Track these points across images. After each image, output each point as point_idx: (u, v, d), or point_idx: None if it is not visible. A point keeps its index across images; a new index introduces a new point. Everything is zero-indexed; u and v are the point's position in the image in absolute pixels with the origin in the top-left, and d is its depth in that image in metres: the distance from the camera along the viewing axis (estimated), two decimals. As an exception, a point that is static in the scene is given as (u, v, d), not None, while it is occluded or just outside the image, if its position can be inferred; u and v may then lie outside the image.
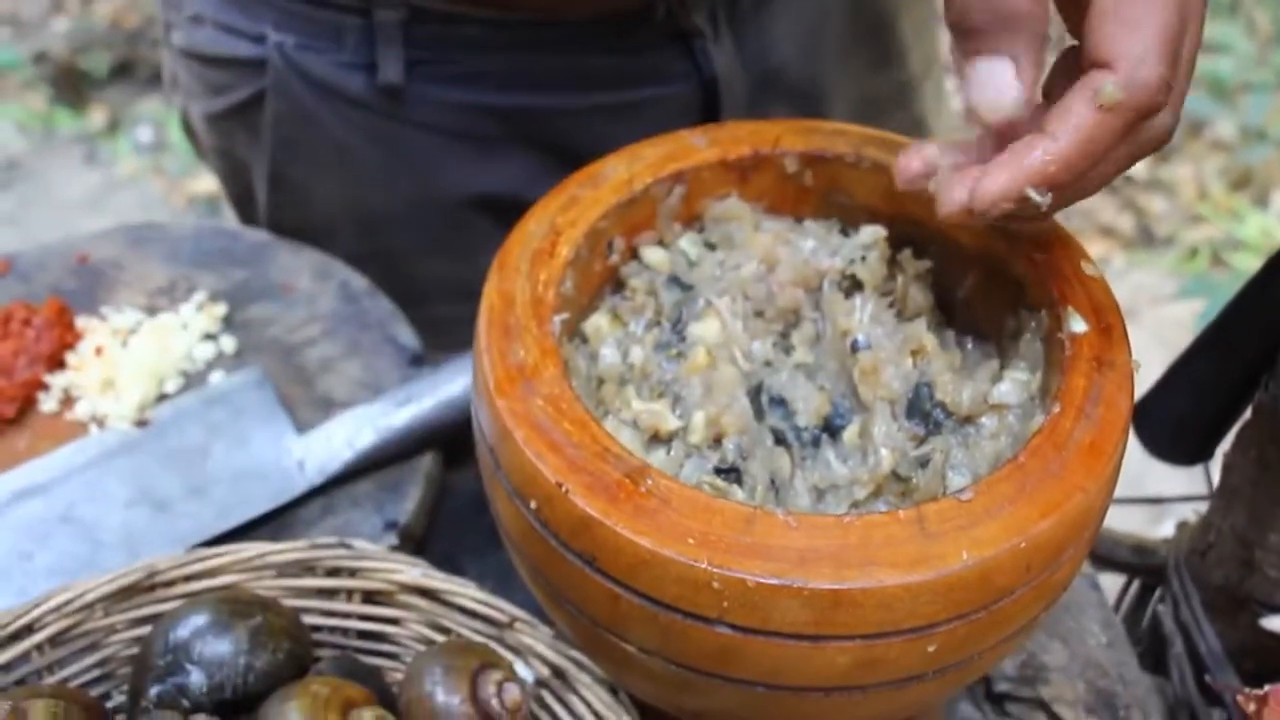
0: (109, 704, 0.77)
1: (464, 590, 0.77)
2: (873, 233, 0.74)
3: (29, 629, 0.75)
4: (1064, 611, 0.90)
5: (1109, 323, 0.66)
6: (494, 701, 0.69)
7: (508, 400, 0.63)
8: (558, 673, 0.73)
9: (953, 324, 0.74)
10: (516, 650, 0.75)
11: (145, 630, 0.77)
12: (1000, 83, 0.62)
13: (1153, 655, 0.96)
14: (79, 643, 0.77)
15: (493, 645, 0.75)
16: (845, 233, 0.75)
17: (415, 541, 0.90)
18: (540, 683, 0.74)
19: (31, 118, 3.13)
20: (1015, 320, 0.71)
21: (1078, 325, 0.66)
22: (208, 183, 2.91)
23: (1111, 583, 1.02)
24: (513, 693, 0.70)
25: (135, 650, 0.77)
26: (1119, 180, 1.39)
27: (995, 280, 0.72)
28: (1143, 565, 1.01)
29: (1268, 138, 2.89)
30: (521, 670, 0.73)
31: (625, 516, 0.58)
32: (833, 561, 0.56)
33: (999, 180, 0.61)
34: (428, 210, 1.08)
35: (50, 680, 0.76)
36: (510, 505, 0.63)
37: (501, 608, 0.76)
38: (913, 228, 0.74)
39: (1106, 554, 1.02)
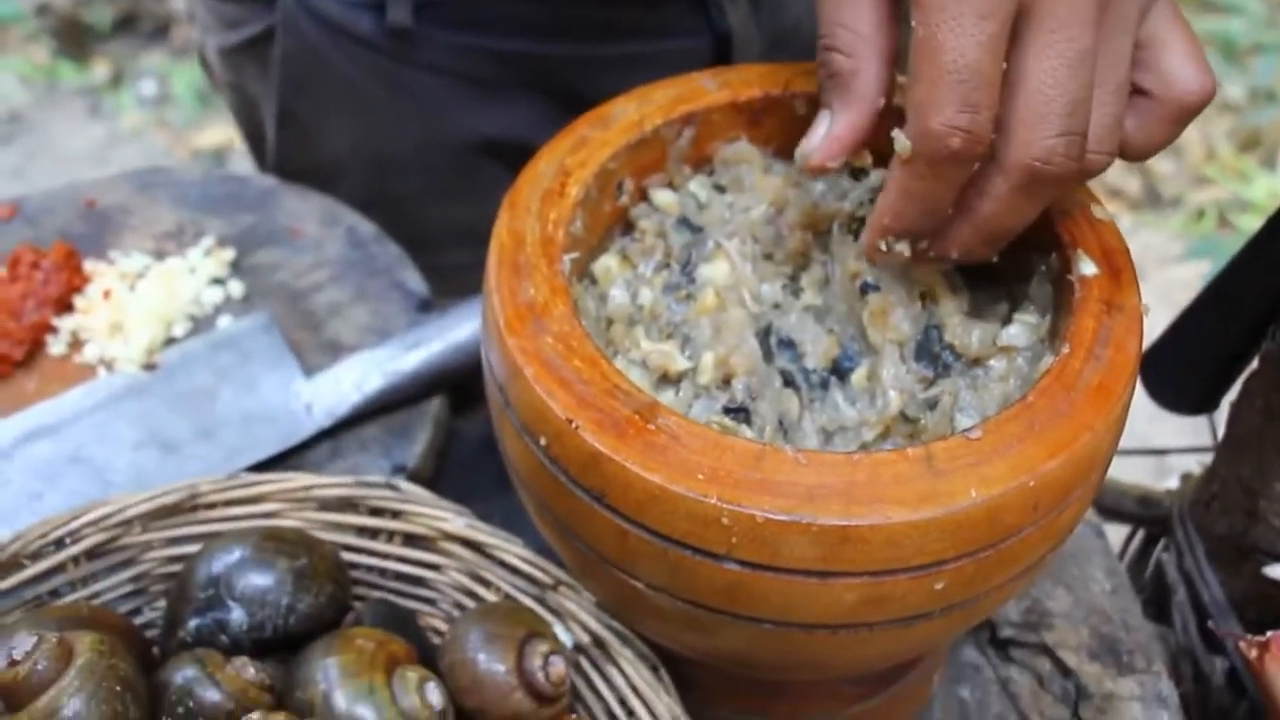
0: (139, 620, 0.78)
1: (509, 546, 0.77)
2: (882, 176, 0.73)
3: (67, 540, 0.76)
4: (1068, 559, 0.91)
5: (1119, 266, 0.66)
6: (539, 674, 0.69)
7: (518, 338, 0.63)
8: (598, 642, 0.74)
9: (961, 268, 0.74)
10: (557, 613, 0.75)
11: (182, 550, 0.77)
12: (814, 135, 0.67)
13: (1155, 604, 0.97)
14: (115, 558, 0.77)
15: (533, 605, 0.75)
16: (855, 176, 0.75)
17: (422, 485, 0.90)
18: (579, 648, 0.74)
19: (34, 70, 3.12)
20: (1025, 262, 0.70)
21: (1088, 268, 0.66)
22: (212, 135, 2.90)
23: (1115, 534, 1.02)
24: (558, 666, 0.70)
25: (171, 569, 0.78)
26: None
27: (1005, 224, 0.72)
28: (1147, 516, 1.02)
29: (1277, 99, 2.88)
30: (561, 634, 0.74)
31: (635, 452, 0.58)
32: (841, 498, 0.57)
33: (867, 231, 0.66)
34: (435, 154, 1.08)
35: (83, 594, 0.76)
36: (519, 442, 0.63)
37: (547, 569, 0.76)
38: (923, 172, 0.74)
39: (1112, 504, 1.02)
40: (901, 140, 0.60)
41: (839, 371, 0.71)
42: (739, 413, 0.67)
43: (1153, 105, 0.63)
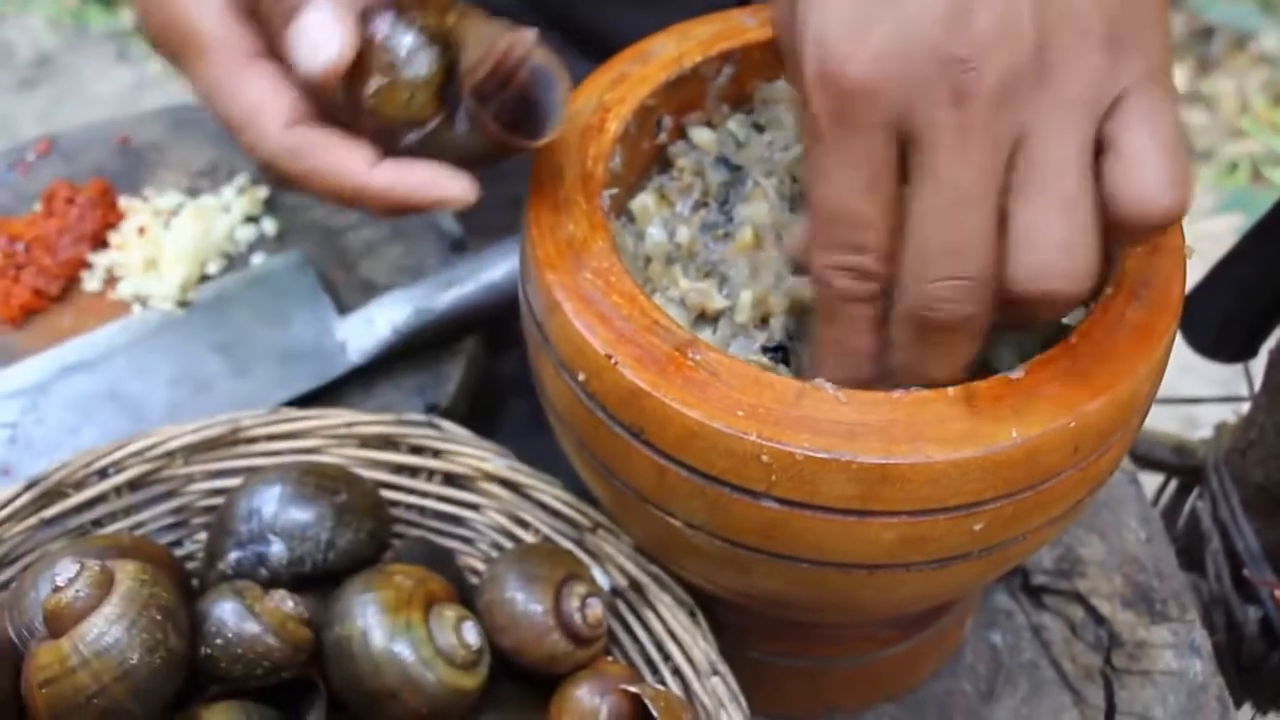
0: (179, 552, 0.78)
1: (549, 488, 0.77)
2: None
3: (110, 470, 0.76)
4: (1102, 506, 0.90)
5: (1163, 208, 0.65)
6: (577, 616, 0.70)
7: (556, 274, 0.63)
8: (635, 585, 0.74)
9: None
10: (595, 556, 0.75)
11: (223, 484, 0.78)
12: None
13: (1188, 553, 0.97)
14: (157, 489, 0.78)
15: (571, 547, 0.75)
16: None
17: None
18: (616, 592, 0.74)
19: (63, 13, 3.11)
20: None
21: (1132, 209, 0.65)
22: (240, 82, 2.89)
23: (1148, 483, 1.02)
24: (595, 609, 0.70)
25: (211, 502, 0.78)
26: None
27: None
28: (1181, 465, 1.01)
29: (1313, 52, 2.85)
30: (599, 577, 0.74)
31: (674, 388, 0.58)
32: (881, 436, 0.56)
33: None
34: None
35: (125, 524, 0.77)
36: (558, 379, 0.63)
37: (585, 511, 0.76)
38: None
39: (1145, 453, 1.02)
40: None
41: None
42: (777, 351, 0.67)
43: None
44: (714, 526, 0.61)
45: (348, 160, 0.65)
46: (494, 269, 0.92)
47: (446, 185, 0.64)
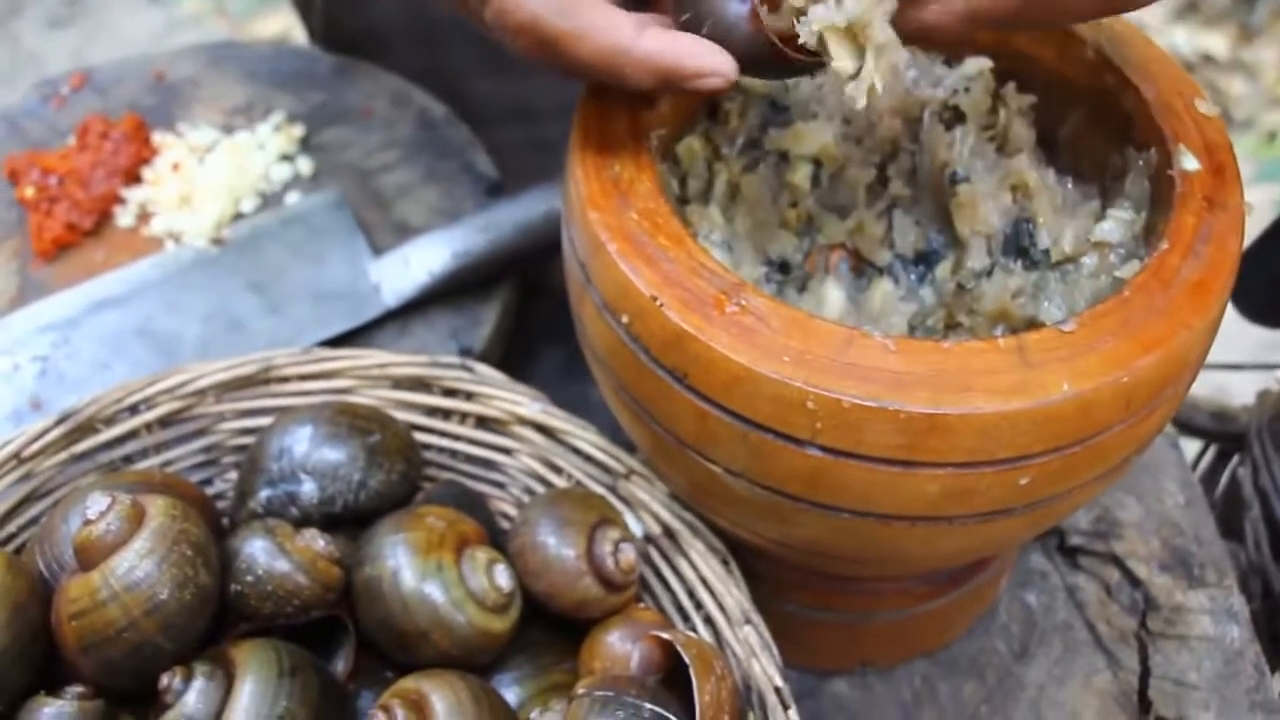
0: (209, 490, 0.78)
1: (583, 433, 0.76)
2: (977, 64, 0.71)
3: (141, 406, 0.76)
4: (1141, 469, 0.89)
5: (1221, 162, 0.64)
6: (609, 561, 0.69)
7: (601, 213, 0.61)
8: (669, 532, 0.73)
9: (1053, 163, 0.72)
10: (628, 502, 0.74)
11: (254, 423, 0.77)
12: None
13: (1226, 520, 0.96)
14: (187, 426, 0.77)
15: (604, 493, 0.74)
16: (949, 64, 0.73)
17: (490, 369, 0.90)
18: (649, 538, 0.73)
19: (95, -48, 3.10)
20: (1121, 159, 0.68)
21: (1189, 163, 0.63)
22: (271, 25, 2.88)
23: (1187, 449, 1.00)
24: (628, 554, 0.69)
25: (242, 441, 0.78)
26: (1197, 60, 1.34)
27: (1101, 117, 0.69)
28: (1221, 431, 1.00)
29: (1356, 21, 2.81)
30: (632, 523, 0.73)
31: (719, 332, 0.57)
32: (930, 386, 0.55)
33: None
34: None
35: (155, 461, 0.77)
36: (599, 320, 0.62)
37: (620, 457, 0.75)
38: (1018, 62, 0.72)
39: (1185, 419, 1.00)
40: None
41: (924, 263, 0.70)
42: (781, 268, 0.66)
43: None
44: (755, 474, 0.60)
45: (616, 21, 0.61)
46: (531, 212, 0.91)
47: (715, 59, 0.61)
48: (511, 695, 0.67)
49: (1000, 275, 0.67)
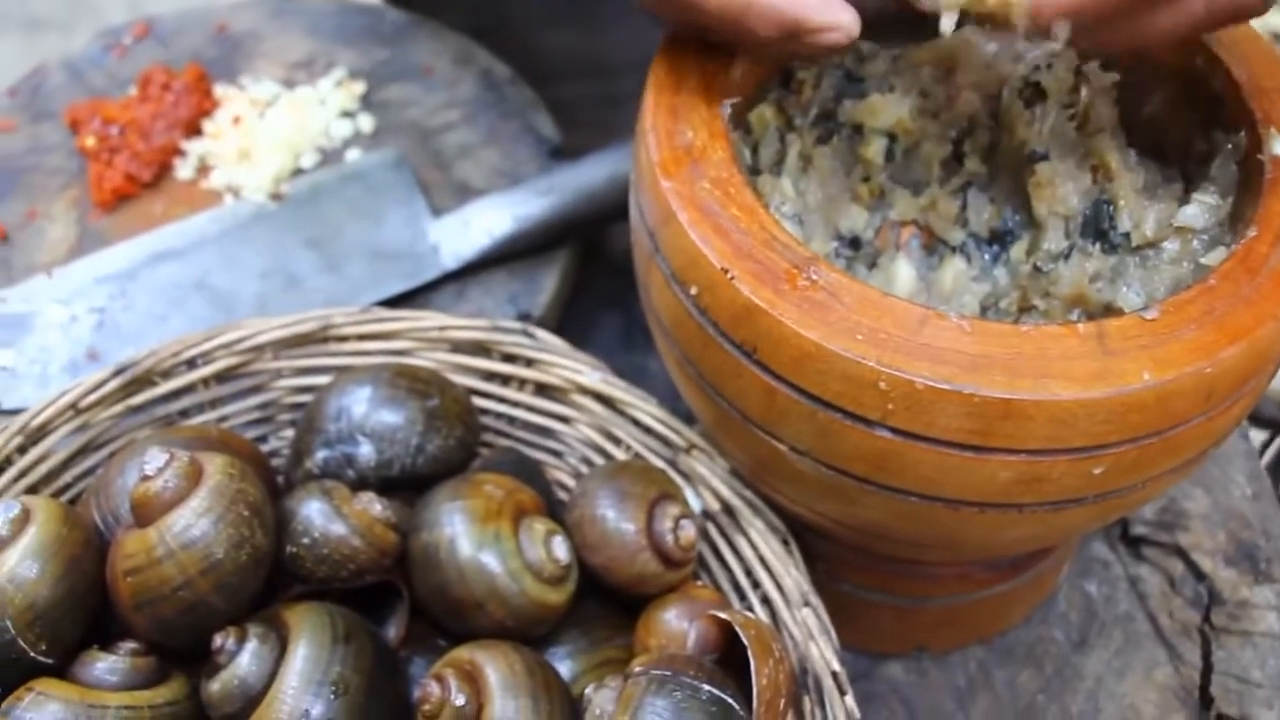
0: (264, 448, 0.77)
1: (644, 405, 0.75)
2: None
3: (199, 361, 0.75)
4: (1209, 460, 0.87)
5: (1314, 147, 0.62)
6: (669, 537, 0.68)
7: (673, 181, 0.60)
8: (728, 510, 0.72)
9: (1135, 144, 0.70)
10: (688, 477, 0.73)
11: (311, 381, 0.77)
12: None
13: (1292, 514, 0.93)
14: (244, 383, 0.77)
15: (663, 467, 0.73)
16: (1031, 39, 0.71)
17: (548, 335, 0.89)
18: (708, 515, 0.72)
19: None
20: (1206, 142, 0.66)
21: (1280, 148, 0.62)
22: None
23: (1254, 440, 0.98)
24: (688, 531, 0.68)
25: (298, 399, 0.77)
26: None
27: (1188, 98, 0.67)
28: (1290, 421, 0.98)
29: None
30: (691, 498, 0.72)
31: (791, 307, 0.55)
32: (1006, 370, 0.54)
33: None
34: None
35: (210, 416, 0.76)
36: (667, 291, 0.61)
37: (681, 430, 0.74)
38: (1103, 39, 0.70)
39: (1254, 409, 0.98)
40: None
41: (998, 243, 0.68)
42: (852, 243, 0.65)
43: None
44: (821, 453, 0.58)
45: None
46: (593, 177, 0.89)
47: (839, 14, 0.59)
48: (564, 669, 0.66)
49: (1078, 258, 0.66)
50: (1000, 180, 0.70)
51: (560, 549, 0.66)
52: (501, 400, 0.78)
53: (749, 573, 0.70)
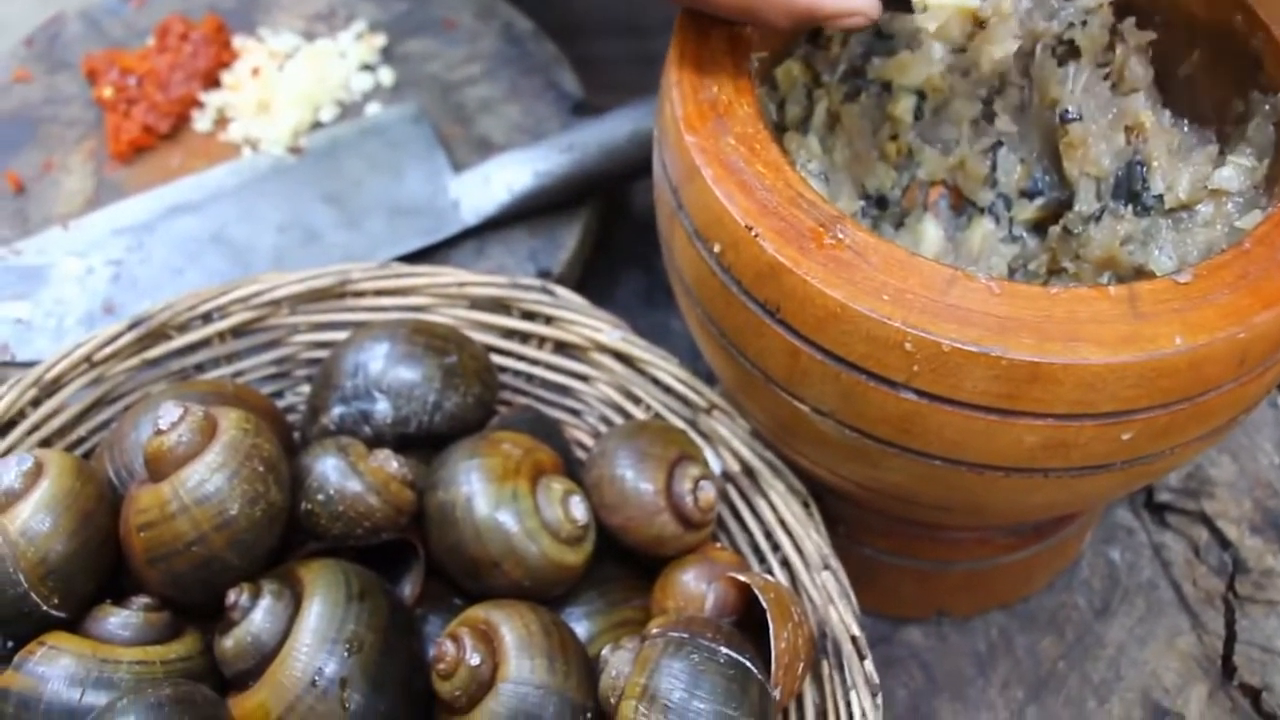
0: (280, 403, 0.77)
1: (664, 364, 0.74)
2: (1097, -3, 0.68)
3: (215, 315, 0.75)
4: (1238, 427, 0.86)
5: (1355, 108, 0.61)
6: (688, 498, 0.67)
7: (698, 137, 0.59)
8: (748, 471, 0.71)
9: (1170, 104, 0.69)
10: (708, 438, 0.72)
11: (328, 336, 0.76)
12: None
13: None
14: (260, 338, 0.76)
15: (684, 427, 0.72)
16: (1065, -4, 0.69)
17: (568, 293, 0.88)
18: (728, 476, 0.71)
19: None
20: (1244, 102, 0.65)
21: (1319, 108, 0.60)
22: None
23: None
24: (708, 492, 0.67)
25: (315, 355, 0.76)
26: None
27: (1225, 57, 0.66)
28: (1318, 389, 0.96)
29: None
30: (711, 459, 0.71)
31: (816, 266, 0.54)
32: (1035, 333, 0.52)
33: None
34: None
35: (226, 370, 0.76)
36: (690, 249, 0.60)
37: (701, 391, 0.73)
38: (1139, -4, 0.68)
39: None
40: None
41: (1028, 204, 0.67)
42: (878, 202, 0.64)
43: None
44: (845, 415, 0.57)
45: None
46: (616, 133, 0.88)
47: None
48: (581, 630, 0.66)
49: (1109, 220, 0.64)
50: (1031, 140, 0.68)
51: (578, 509, 0.65)
52: (520, 358, 0.77)
53: (769, 535, 0.70)
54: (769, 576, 0.66)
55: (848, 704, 0.63)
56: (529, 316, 0.76)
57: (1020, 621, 0.79)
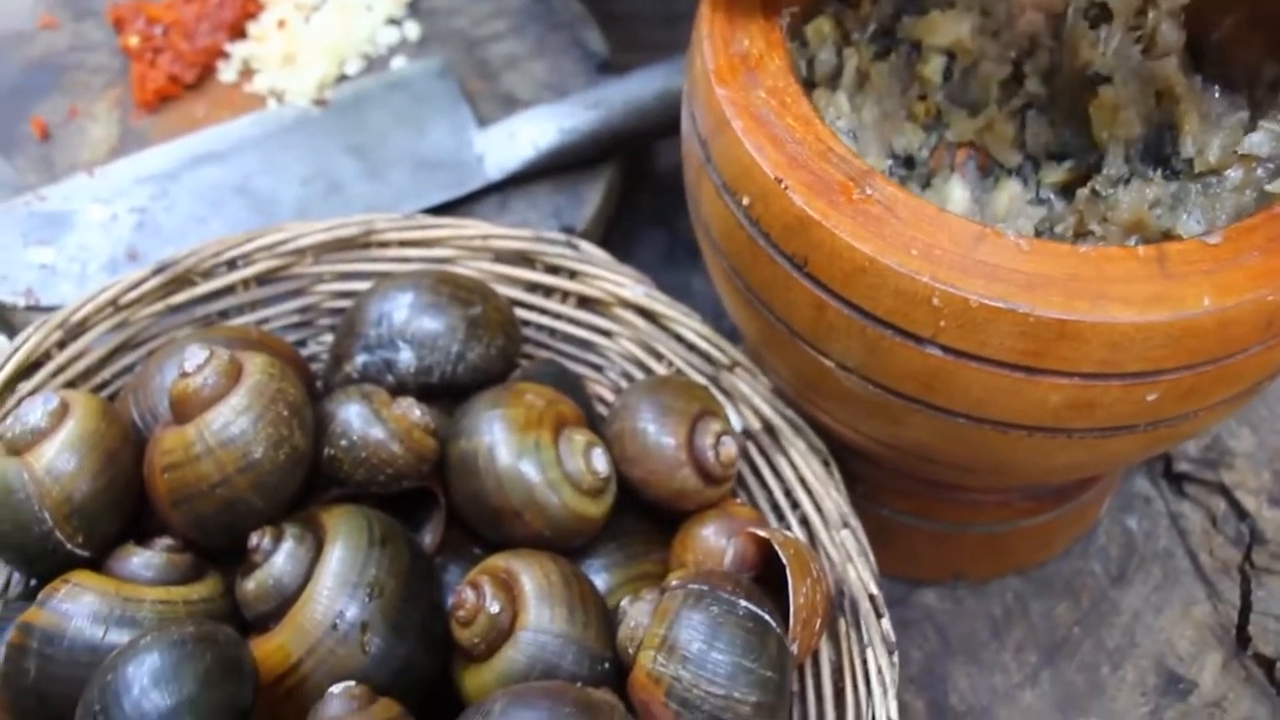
0: (303, 352, 0.77)
1: (688, 320, 0.74)
2: (1130, -41, 0.68)
3: (239, 262, 0.75)
4: (1256, 398, 0.86)
5: (1388, 76, 0.60)
6: (710, 453, 0.67)
7: (728, 89, 0.59)
8: (769, 429, 0.71)
9: (1201, 69, 0.68)
10: (730, 395, 0.72)
11: (352, 286, 0.76)
12: None
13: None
14: (284, 286, 0.76)
15: (705, 384, 0.72)
16: (1098, -43, 0.69)
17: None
18: (749, 434, 0.71)
19: None
20: (1277, 68, 0.65)
21: (1353, 75, 0.60)
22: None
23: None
24: (729, 447, 0.67)
25: (338, 304, 0.76)
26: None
27: (1259, 22, 0.66)
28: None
29: None
30: (732, 416, 0.71)
31: (845, 219, 0.54)
32: (1063, 290, 0.52)
33: None
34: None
35: (250, 318, 0.76)
36: (718, 201, 0.60)
37: (724, 347, 0.73)
38: (1173, -41, 0.68)
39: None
40: None
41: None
42: (906, 162, 0.64)
43: None
44: (869, 370, 0.57)
45: None
46: (642, 92, 0.88)
47: None
48: (599, 582, 0.66)
49: (1138, 184, 0.64)
50: (1061, 103, 0.68)
51: (600, 461, 0.65)
52: (543, 312, 0.77)
53: (788, 493, 0.70)
54: (788, 533, 0.66)
55: (864, 662, 0.63)
56: (553, 270, 0.77)
57: (1036, 586, 0.79)
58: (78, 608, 0.58)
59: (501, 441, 0.64)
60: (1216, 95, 0.67)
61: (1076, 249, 0.54)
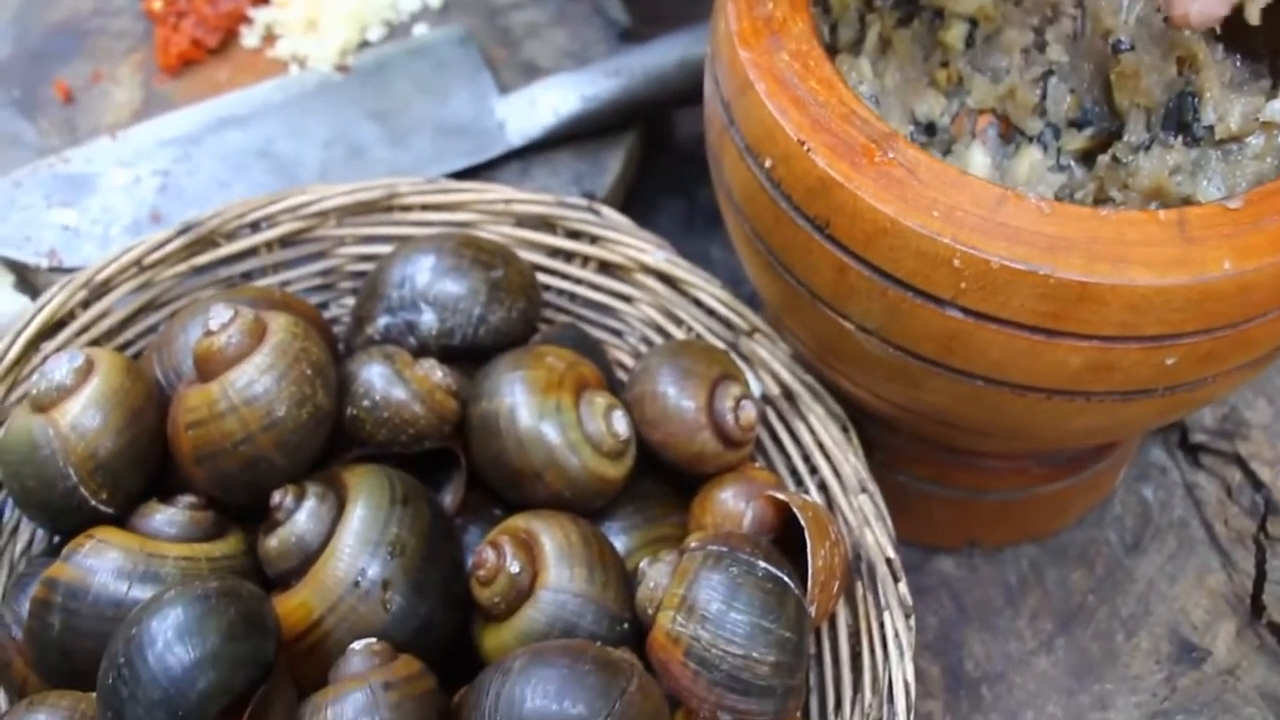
0: (325, 314, 0.77)
1: (708, 286, 0.74)
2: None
3: (263, 224, 0.75)
4: (1274, 369, 0.86)
5: None
6: (729, 417, 0.67)
7: (752, 52, 0.59)
8: (788, 394, 0.71)
9: (1223, 38, 0.68)
10: (749, 360, 0.73)
11: (374, 249, 0.76)
12: None
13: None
14: (307, 248, 0.77)
15: (725, 349, 0.72)
16: (1121, -76, 0.69)
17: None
18: (768, 399, 0.72)
19: None
20: (1298, 35, 0.65)
21: (1375, 43, 0.60)
22: None
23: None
24: (749, 411, 0.67)
25: (361, 267, 0.77)
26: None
27: (1282, -10, 0.66)
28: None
29: None
30: (751, 381, 0.71)
31: (868, 181, 0.54)
32: (1084, 253, 0.53)
33: None
34: None
35: (273, 280, 0.76)
36: (740, 164, 0.60)
37: (744, 313, 0.73)
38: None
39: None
40: None
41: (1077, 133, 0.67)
42: (927, 129, 0.64)
43: None
44: (890, 332, 0.58)
45: None
46: (663, 60, 0.88)
47: None
48: (618, 544, 0.66)
49: (1158, 150, 0.64)
50: (1082, 70, 0.68)
51: (620, 423, 0.66)
52: (564, 277, 0.77)
53: (807, 458, 0.70)
54: (807, 497, 0.67)
55: (881, 625, 0.63)
56: (574, 235, 0.77)
57: (1051, 554, 0.80)
58: (102, 563, 0.58)
59: (523, 403, 0.65)
60: (1238, 63, 0.67)
61: (1097, 212, 0.54)
